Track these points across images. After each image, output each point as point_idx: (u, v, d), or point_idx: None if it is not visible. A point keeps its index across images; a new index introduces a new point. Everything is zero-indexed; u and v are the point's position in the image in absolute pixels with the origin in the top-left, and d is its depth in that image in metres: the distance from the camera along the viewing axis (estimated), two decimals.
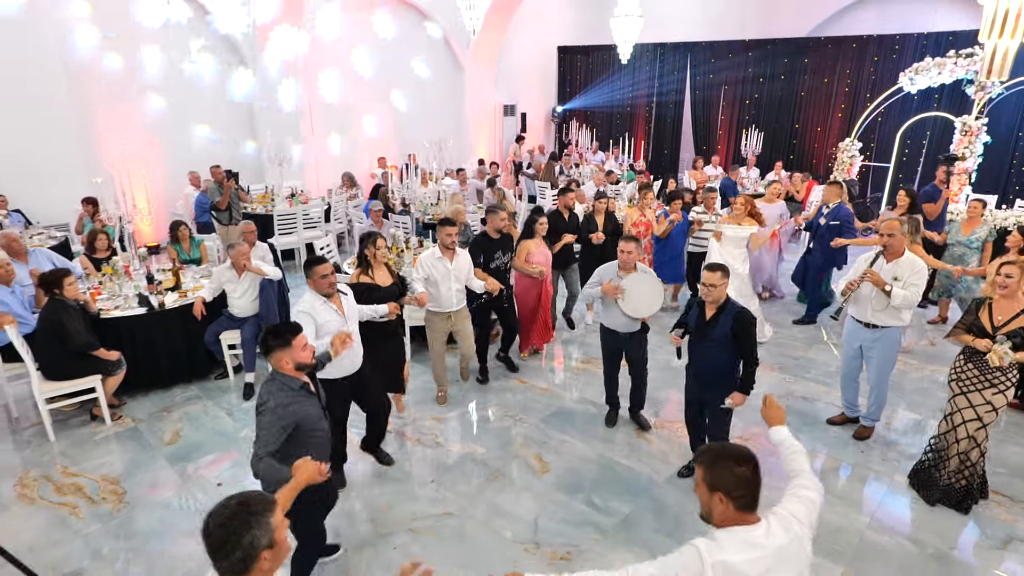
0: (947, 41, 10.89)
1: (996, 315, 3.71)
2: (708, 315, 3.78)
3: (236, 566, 1.66)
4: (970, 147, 9.76)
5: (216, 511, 1.69)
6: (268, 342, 2.76)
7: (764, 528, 1.88)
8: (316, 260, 3.75)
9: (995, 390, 3.69)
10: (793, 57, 12.74)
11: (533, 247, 5.64)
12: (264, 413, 2.67)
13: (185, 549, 3.68)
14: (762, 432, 4.81)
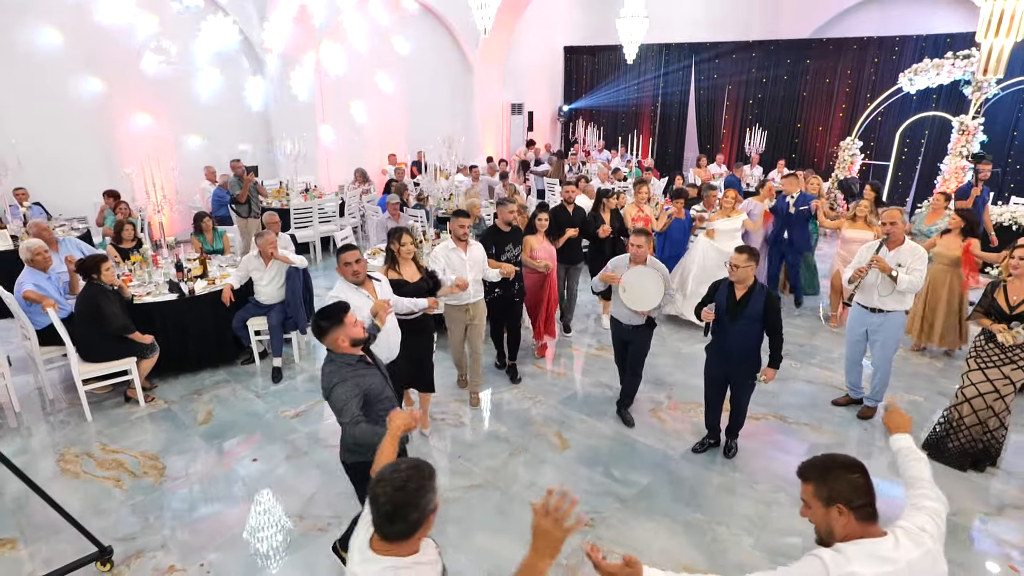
0: (945, 43, 11.17)
1: (1011, 295, 4.01)
2: (739, 295, 4.01)
3: (409, 528, 1.69)
4: (967, 146, 10.02)
5: (389, 477, 1.70)
6: (321, 324, 2.82)
7: (892, 541, 1.72)
8: (345, 248, 3.88)
9: (1014, 366, 4.00)
10: (796, 58, 13.01)
11: (535, 243, 5.69)
12: (334, 390, 2.77)
13: (228, 517, 3.89)
14: (769, 412, 5.04)
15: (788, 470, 4.33)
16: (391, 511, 1.66)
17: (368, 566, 1.73)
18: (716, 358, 4.26)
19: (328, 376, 2.84)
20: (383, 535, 1.72)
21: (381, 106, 12.73)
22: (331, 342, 2.84)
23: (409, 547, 1.75)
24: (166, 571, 3.46)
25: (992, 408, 4.10)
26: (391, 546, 1.73)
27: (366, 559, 1.75)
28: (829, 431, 4.79)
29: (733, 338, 4.07)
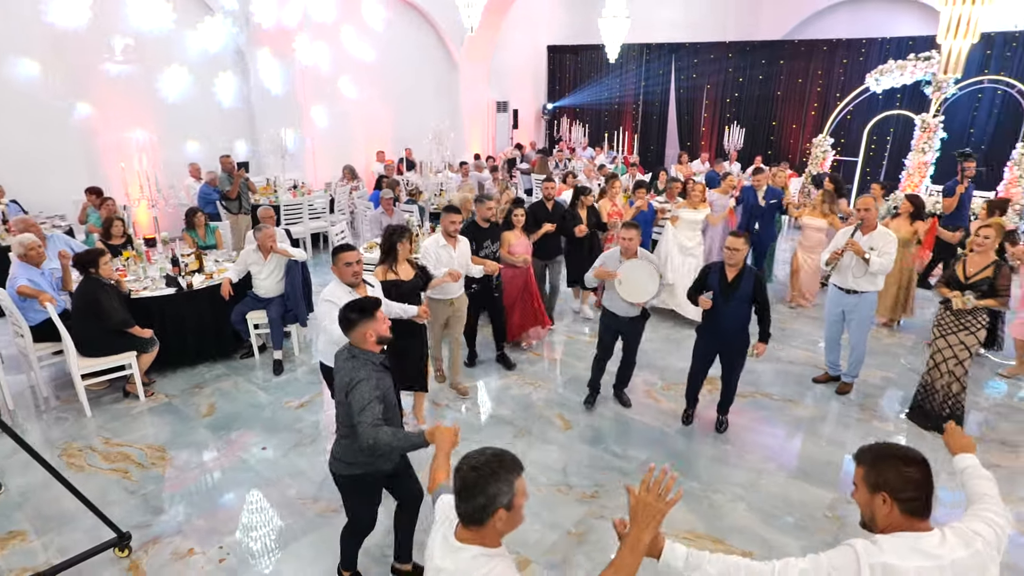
0: (907, 45, 11.67)
1: (969, 268, 4.42)
2: (730, 277, 4.27)
3: (475, 513, 1.69)
4: (929, 143, 10.50)
5: (472, 455, 1.74)
6: (351, 316, 2.73)
7: (938, 538, 1.66)
8: (344, 247, 3.71)
9: (967, 332, 4.42)
10: (770, 59, 13.44)
11: (513, 238, 5.72)
12: (358, 386, 2.65)
13: (243, 502, 3.97)
14: (755, 390, 5.29)
15: (775, 442, 4.59)
16: (460, 489, 1.70)
17: (457, 555, 1.72)
18: (709, 337, 4.48)
19: (350, 371, 2.71)
20: (459, 514, 1.74)
21: (367, 104, 12.77)
22: (358, 336, 2.75)
23: (492, 538, 1.73)
24: (185, 554, 3.53)
25: (953, 373, 4.50)
26: (471, 534, 1.73)
27: (452, 549, 1.74)
28: (811, 406, 5.07)
29: (726, 318, 4.31)
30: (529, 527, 3.65)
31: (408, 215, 8.23)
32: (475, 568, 1.66)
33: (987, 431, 4.71)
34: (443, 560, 1.73)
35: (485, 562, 1.67)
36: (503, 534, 1.74)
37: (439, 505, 1.96)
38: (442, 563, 1.73)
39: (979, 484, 1.96)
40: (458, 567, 1.68)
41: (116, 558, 3.48)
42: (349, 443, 2.81)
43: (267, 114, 10.90)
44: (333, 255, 3.72)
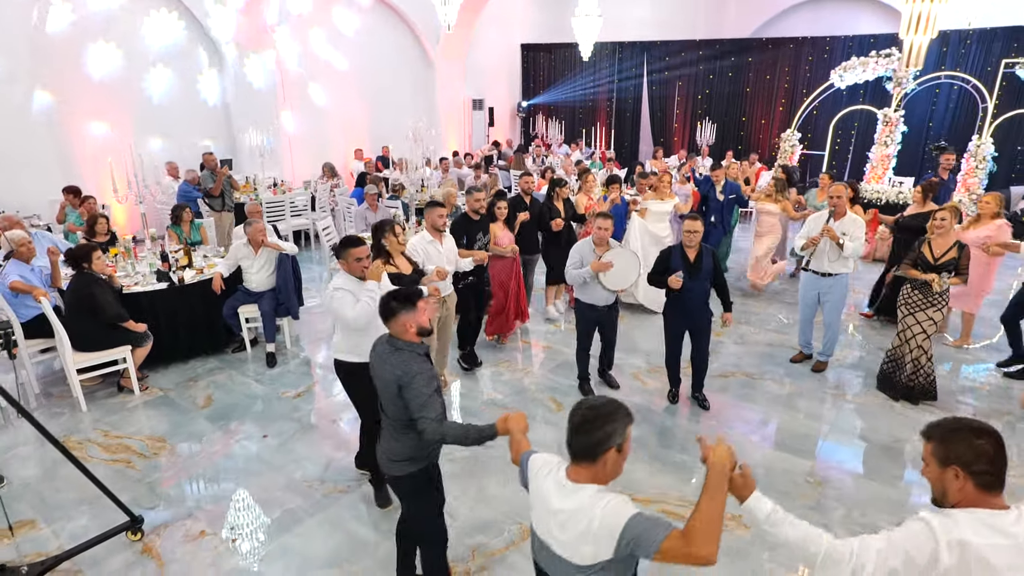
0: (869, 43, 12.18)
1: (935, 250, 4.73)
2: (692, 257, 4.58)
3: (590, 448, 1.76)
4: (891, 136, 11.01)
5: (590, 399, 1.85)
6: (392, 305, 2.64)
7: (1015, 515, 1.60)
8: (352, 241, 3.64)
9: (934, 308, 4.77)
10: (739, 56, 13.87)
11: (498, 230, 5.73)
12: (414, 381, 2.54)
13: (250, 486, 4.07)
14: (736, 370, 5.57)
15: (756, 416, 4.87)
16: (579, 423, 1.78)
17: (576, 495, 1.77)
18: (678, 315, 4.77)
19: (400, 364, 2.58)
20: (570, 449, 1.81)
21: (344, 103, 12.80)
22: (399, 327, 2.65)
23: (602, 477, 1.79)
24: (197, 536, 3.63)
25: (922, 347, 4.84)
26: (584, 471, 1.79)
27: (569, 490, 1.79)
28: (788, 383, 5.36)
29: (691, 295, 4.63)
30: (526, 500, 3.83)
31: (392, 210, 8.35)
32: (595, 503, 1.72)
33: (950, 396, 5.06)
34: (562, 502, 1.78)
35: (602, 496, 1.74)
36: (610, 477, 1.81)
37: (533, 461, 2.01)
38: (561, 504, 1.78)
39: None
40: (580, 505, 1.74)
41: (129, 542, 3.56)
42: (407, 440, 2.69)
43: (244, 113, 10.87)
44: (341, 248, 3.61)
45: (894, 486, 4.03)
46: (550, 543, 1.82)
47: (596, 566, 1.72)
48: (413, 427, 2.60)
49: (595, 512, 1.70)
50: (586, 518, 1.70)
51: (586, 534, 1.70)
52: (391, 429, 2.73)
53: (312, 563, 3.40)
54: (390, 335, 2.71)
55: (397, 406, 2.61)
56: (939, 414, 4.82)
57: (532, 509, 1.92)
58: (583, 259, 4.81)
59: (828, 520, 3.60)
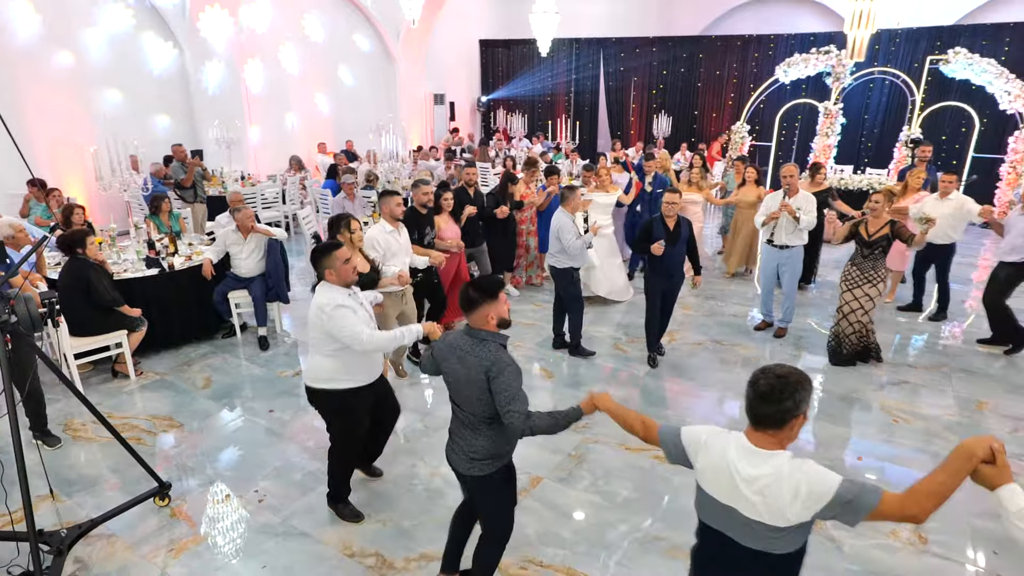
0: (809, 41, 13.04)
1: (870, 228, 5.21)
2: (671, 226, 5.12)
3: (779, 415, 1.77)
4: (831, 127, 11.87)
5: (772, 367, 1.83)
6: (473, 295, 2.54)
7: None
8: (333, 245, 3.23)
9: (871, 284, 5.22)
10: (690, 52, 14.58)
11: (442, 223, 5.69)
12: (505, 372, 2.45)
13: (266, 454, 4.25)
14: (707, 339, 6.06)
15: (729, 377, 5.35)
16: (767, 392, 1.77)
17: (770, 460, 1.79)
18: (658, 277, 5.30)
19: (490, 355, 2.49)
20: (755, 416, 1.82)
21: (306, 98, 12.78)
22: (480, 319, 2.55)
23: (786, 440, 1.82)
24: (223, 499, 3.80)
25: (861, 321, 5.31)
26: (769, 439, 1.81)
27: (761, 457, 1.80)
28: (754, 347, 5.89)
29: (672, 259, 5.16)
30: (537, 453, 4.18)
31: (368, 200, 8.53)
32: (796, 470, 1.75)
33: (897, 356, 5.69)
34: (756, 469, 1.79)
35: (800, 464, 1.77)
36: (792, 440, 1.84)
37: (690, 435, 2.04)
38: (756, 471, 1.79)
39: None
40: (779, 471, 1.76)
41: (157, 508, 3.70)
42: (490, 435, 2.61)
43: (208, 106, 10.76)
44: (322, 256, 3.17)
45: (851, 427, 4.57)
46: (737, 507, 1.83)
47: (790, 528, 1.76)
48: (495, 422, 2.54)
49: (800, 478, 1.73)
50: (791, 484, 1.73)
51: (793, 499, 1.72)
52: (470, 427, 2.62)
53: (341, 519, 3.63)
54: (469, 327, 2.61)
55: (483, 400, 2.51)
56: (885, 369, 5.43)
57: (702, 476, 1.96)
58: (578, 230, 5.31)
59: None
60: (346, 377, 3.28)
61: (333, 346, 3.20)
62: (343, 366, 3.26)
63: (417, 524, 3.54)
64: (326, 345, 3.22)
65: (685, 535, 3.44)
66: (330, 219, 4.38)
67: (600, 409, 2.49)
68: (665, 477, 3.97)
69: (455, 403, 2.68)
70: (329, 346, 3.21)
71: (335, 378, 3.27)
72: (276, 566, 3.26)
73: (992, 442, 1.70)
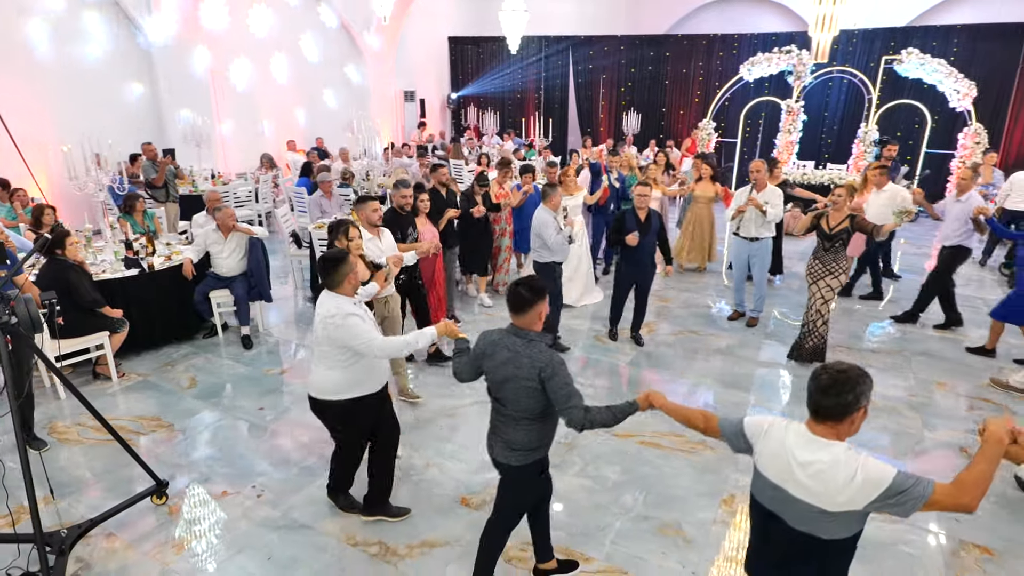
0: (772, 40, 13.47)
1: (831, 222, 5.39)
2: (643, 218, 5.44)
3: (840, 408, 1.86)
4: (793, 124, 12.33)
5: (834, 363, 1.93)
6: (525, 295, 2.57)
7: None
8: (342, 254, 3.17)
9: (832, 276, 5.38)
10: (657, 51, 14.89)
11: (420, 225, 5.58)
12: (559, 370, 2.52)
13: (260, 449, 4.29)
14: (683, 329, 6.30)
15: (705, 364, 5.60)
16: (828, 385, 1.87)
17: (828, 449, 1.88)
18: (630, 267, 5.61)
19: (543, 356, 2.54)
20: (816, 408, 1.91)
21: (276, 95, 12.64)
22: (530, 318, 2.59)
23: (845, 432, 1.91)
24: (220, 495, 3.83)
25: (820, 312, 5.44)
26: (827, 429, 1.91)
27: (818, 445, 1.90)
28: (727, 336, 6.16)
29: (642, 249, 5.45)
30: None
31: (344, 199, 8.53)
32: (853, 460, 1.85)
33: (855, 342, 6.02)
34: (813, 455, 1.89)
35: (857, 455, 1.87)
36: (852, 433, 1.93)
37: (751, 424, 2.14)
38: (812, 457, 1.89)
39: None
40: (836, 459, 1.86)
41: (154, 506, 3.71)
42: (533, 430, 2.67)
43: (175, 103, 10.56)
44: (333, 267, 3.10)
45: None
46: (788, 488, 1.94)
47: (839, 513, 1.86)
48: (538, 418, 2.63)
49: (856, 467, 1.83)
50: (846, 471, 1.83)
51: (846, 486, 1.82)
52: (511, 421, 2.68)
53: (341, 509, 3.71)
54: (516, 327, 2.63)
55: (531, 399, 2.57)
56: (850, 355, 5.74)
57: (760, 460, 2.07)
58: (559, 225, 5.45)
59: None
60: (353, 388, 3.24)
61: (341, 357, 3.14)
62: (351, 376, 3.21)
63: (417, 513, 3.65)
64: (334, 356, 3.15)
65: (673, 514, 3.66)
66: (329, 225, 4.32)
67: (656, 407, 2.58)
68: (650, 461, 4.17)
69: (496, 399, 2.73)
70: (337, 357, 3.15)
71: (340, 390, 3.22)
72: (281, 557, 3.32)
73: (1009, 424, 1.87)
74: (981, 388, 5.14)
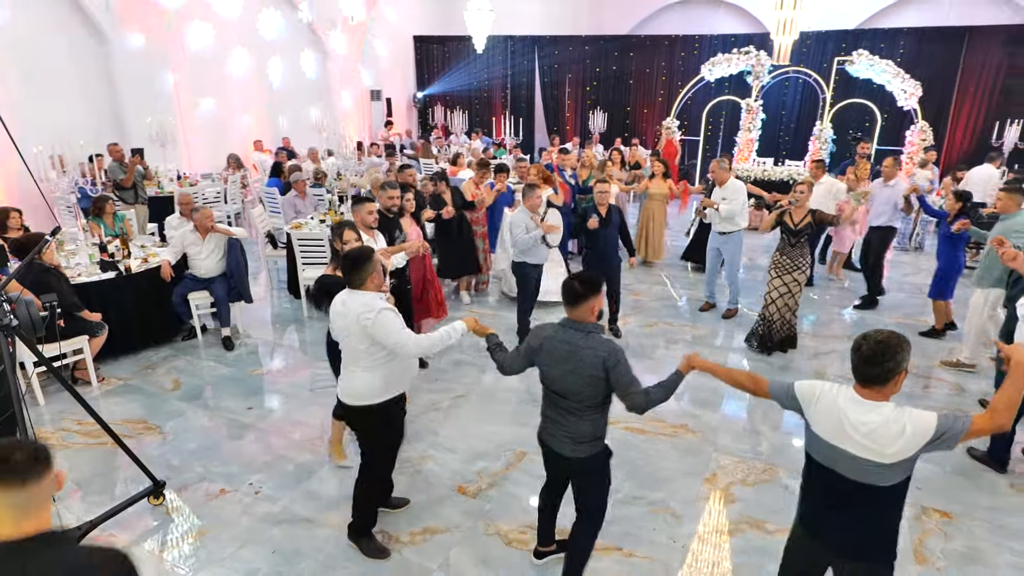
0: (731, 41, 13.93)
1: (795, 218, 5.63)
2: (603, 213, 5.68)
3: (884, 374, 2.06)
4: (753, 122, 12.79)
5: (871, 335, 2.10)
6: (580, 290, 2.64)
7: None
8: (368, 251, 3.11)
9: (799, 271, 5.63)
10: (621, 51, 15.22)
11: (407, 226, 5.57)
12: (621, 359, 2.63)
13: (254, 449, 4.32)
14: (659, 320, 6.55)
15: (679, 352, 5.81)
16: (870, 356, 2.06)
17: (878, 410, 2.08)
18: (596, 261, 5.84)
19: (604, 346, 2.64)
20: (863, 378, 2.11)
21: (240, 93, 12.45)
22: (584, 311, 2.68)
23: (890, 393, 2.11)
24: (217, 494, 3.86)
25: (788, 305, 5.71)
26: (873, 391, 2.10)
27: (868, 407, 2.10)
28: (702, 327, 6.43)
29: (605, 243, 5.75)
30: (521, 430, 4.48)
31: (318, 199, 8.52)
32: (902, 415, 2.06)
33: (820, 329, 6.37)
34: (865, 416, 2.09)
35: (903, 410, 2.07)
36: (895, 392, 2.12)
37: (803, 388, 2.31)
38: (865, 418, 2.09)
39: None
40: (886, 418, 2.06)
41: (152, 507, 3.72)
42: (595, 419, 2.76)
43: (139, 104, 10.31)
44: (360, 265, 3.04)
45: None
46: (845, 446, 2.13)
47: (893, 464, 2.07)
48: (599, 407, 2.74)
49: (904, 422, 2.04)
50: (897, 426, 2.03)
51: (897, 439, 2.03)
52: (574, 413, 2.74)
53: (339, 501, 3.77)
54: (572, 320, 2.71)
55: (595, 388, 2.66)
56: (816, 341, 6.08)
57: (814, 421, 2.23)
58: (528, 225, 5.51)
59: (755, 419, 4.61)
60: (388, 389, 3.15)
61: (376, 356, 3.06)
62: (385, 377, 3.11)
63: (416, 502, 3.76)
64: (369, 356, 3.06)
65: (660, 493, 3.87)
66: (332, 226, 4.23)
67: (697, 368, 2.75)
68: (636, 445, 4.37)
69: (555, 393, 2.76)
70: (372, 357, 3.06)
71: (378, 392, 3.12)
72: (285, 550, 3.39)
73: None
74: (937, 369, 5.53)
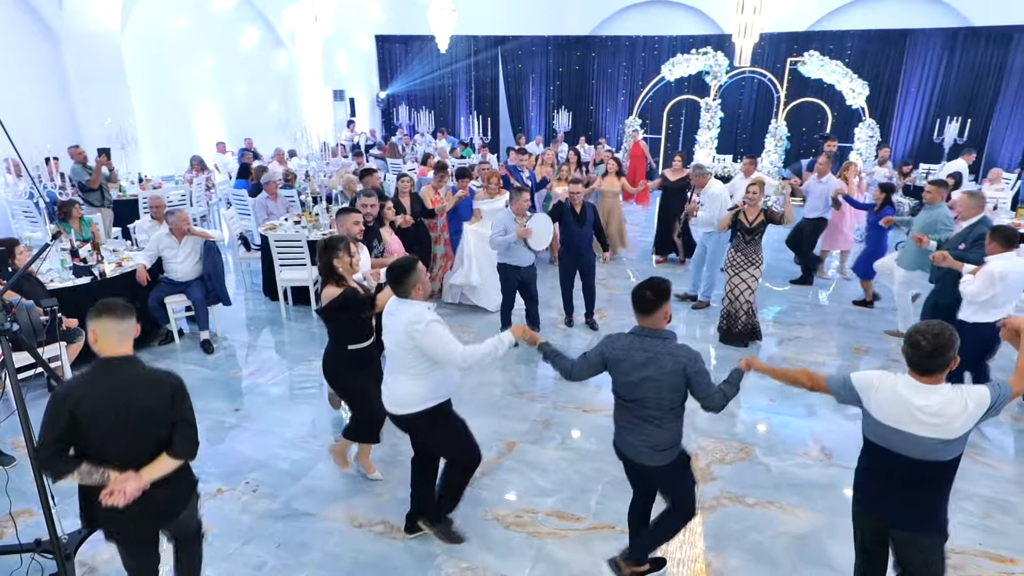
0: (690, 42, 14.37)
1: (749, 216, 5.85)
2: (577, 210, 5.96)
3: (943, 365, 2.25)
4: (712, 121, 13.25)
5: (924, 329, 2.27)
6: (651, 298, 2.70)
7: None
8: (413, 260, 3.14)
9: (755, 267, 5.86)
10: (583, 51, 15.52)
11: (387, 235, 5.49)
12: (700, 363, 2.68)
13: (247, 448, 4.35)
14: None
15: None
16: (931, 350, 2.23)
17: (939, 392, 2.25)
18: (571, 258, 6.12)
19: (684, 352, 2.68)
20: (923, 370, 2.28)
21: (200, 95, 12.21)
22: (656, 319, 2.73)
23: (941, 378, 2.30)
24: (215, 494, 3.89)
25: (749, 301, 5.90)
26: (930, 379, 2.28)
27: (927, 391, 2.27)
28: (681, 318, 6.69)
29: (580, 239, 6.00)
30: (507, 422, 4.63)
31: (289, 200, 8.48)
32: (959, 393, 2.25)
33: (785, 320, 6.73)
34: (926, 399, 2.26)
35: (959, 387, 2.29)
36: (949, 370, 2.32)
37: (861, 379, 2.45)
38: (926, 401, 2.25)
39: None
40: (947, 398, 2.24)
41: None
42: (674, 426, 2.80)
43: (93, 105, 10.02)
44: (405, 275, 3.06)
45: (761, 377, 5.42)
46: (910, 429, 2.29)
47: (959, 437, 2.25)
48: (680, 412, 2.78)
49: (964, 398, 2.24)
50: (959, 404, 2.23)
51: (961, 414, 2.22)
52: (654, 421, 2.76)
53: (339, 494, 3.86)
54: (646, 328, 2.76)
55: (676, 394, 2.71)
56: (780, 329, 6.43)
57: (875, 409, 2.39)
58: (507, 227, 5.61)
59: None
60: (432, 396, 3.15)
61: (424, 364, 3.06)
62: (434, 384, 3.12)
63: None
64: (418, 364, 3.06)
65: None
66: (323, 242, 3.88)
67: (756, 370, 2.88)
68: None
69: (634, 401, 2.77)
70: (421, 365, 3.06)
71: (425, 400, 3.13)
72: (289, 543, 3.46)
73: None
74: (888, 347, 5.92)
